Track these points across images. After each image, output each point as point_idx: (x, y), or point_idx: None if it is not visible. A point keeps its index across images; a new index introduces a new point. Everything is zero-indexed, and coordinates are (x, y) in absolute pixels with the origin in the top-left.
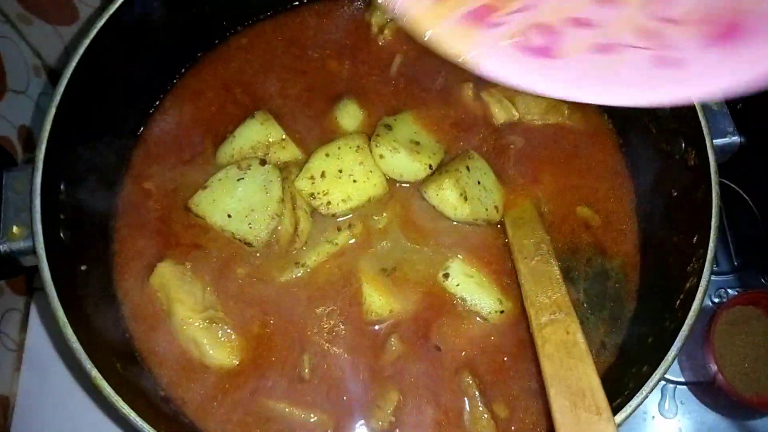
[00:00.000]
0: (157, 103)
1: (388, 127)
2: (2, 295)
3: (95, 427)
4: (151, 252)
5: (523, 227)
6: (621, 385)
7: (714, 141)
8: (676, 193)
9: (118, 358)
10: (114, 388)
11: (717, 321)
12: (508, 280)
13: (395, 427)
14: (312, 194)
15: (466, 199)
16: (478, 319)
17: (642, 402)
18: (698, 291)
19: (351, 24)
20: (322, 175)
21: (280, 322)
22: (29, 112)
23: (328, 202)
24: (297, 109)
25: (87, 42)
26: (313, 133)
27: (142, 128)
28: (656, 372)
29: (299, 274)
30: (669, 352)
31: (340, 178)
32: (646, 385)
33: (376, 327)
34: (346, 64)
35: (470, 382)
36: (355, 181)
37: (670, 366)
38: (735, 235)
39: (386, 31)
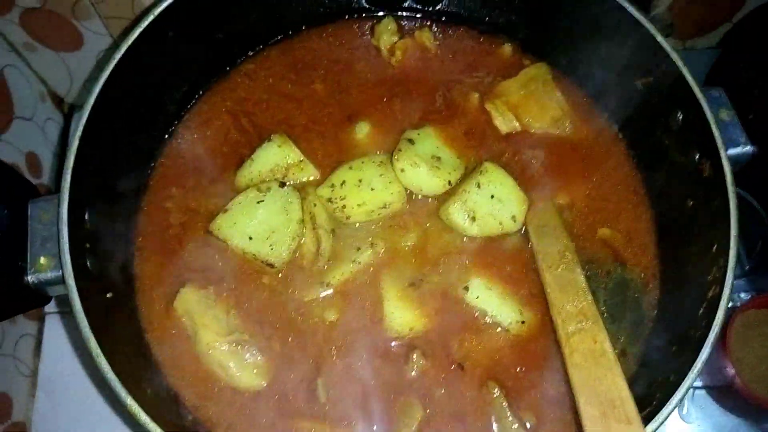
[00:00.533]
0: (172, 129)
1: (411, 142)
2: (15, 321)
3: None
4: (173, 276)
5: (547, 235)
6: (648, 395)
7: (728, 151)
8: (692, 203)
9: (148, 384)
10: (149, 415)
11: (732, 325)
12: (528, 290)
13: None
14: (330, 199)
15: (474, 219)
16: (499, 330)
17: (672, 411)
18: (722, 300)
19: (359, 46)
20: (343, 184)
21: (303, 343)
22: (37, 139)
23: (344, 206)
24: (311, 132)
25: (106, 74)
26: (331, 154)
27: (159, 154)
28: (685, 381)
29: (324, 293)
30: (697, 361)
31: (359, 186)
32: (675, 394)
33: (398, 343)
34: (355, 85)
35: (498, 393)
36: (372, 189)
37: (698, 375)
38: (745, 239)
39: (397, 52)
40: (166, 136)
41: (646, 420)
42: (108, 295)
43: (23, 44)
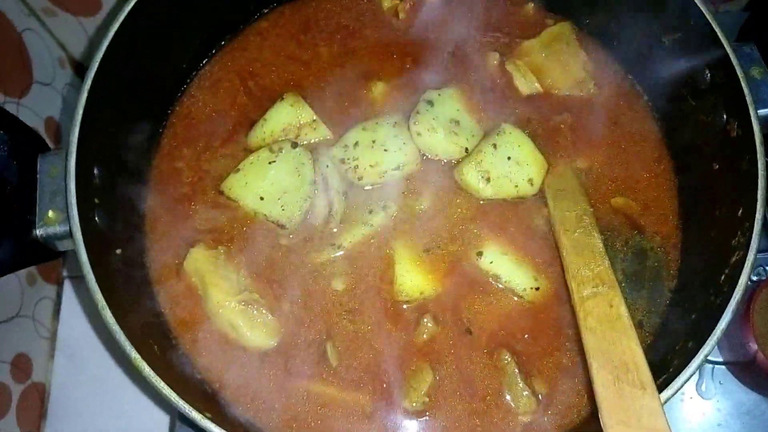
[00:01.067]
0: (183, 88)
1: (430, 103)
2: (34, 284)
3: (128, 411)
4: (183, 235)
5: (565, 199)
6: (665, 362)
7: (758, 111)
8: (717, 166)
9: (155, 341)
10: (153, 369)
11: (756, 299)
12: (543, 257)
13: (431, 408)
14: (342, 159)
15: (488, 180)
16: (512, 297)
17: (689, 378)
18: (745, 264)
19: (368, 8)
20: (356, 144)
21: (313, 304)
22: (56, 104)
23: (356, 167)
24: (323, 91)
25: (116, 26)
26: (344, 114)
27: (170, 113)
28: (703, 348)
29: (335, 255)
30: (717, 327)
31: (372, 147)
32: (693, 361)
33: (409, 307)
34: (365, 45)
35: (509, 359)
36: (386, 150)
37: (717, 341)
38: None
39: (401, 14)
40: (178, 95)
41: (662, 387)
42: (117, 252)
43: (42, 8)
